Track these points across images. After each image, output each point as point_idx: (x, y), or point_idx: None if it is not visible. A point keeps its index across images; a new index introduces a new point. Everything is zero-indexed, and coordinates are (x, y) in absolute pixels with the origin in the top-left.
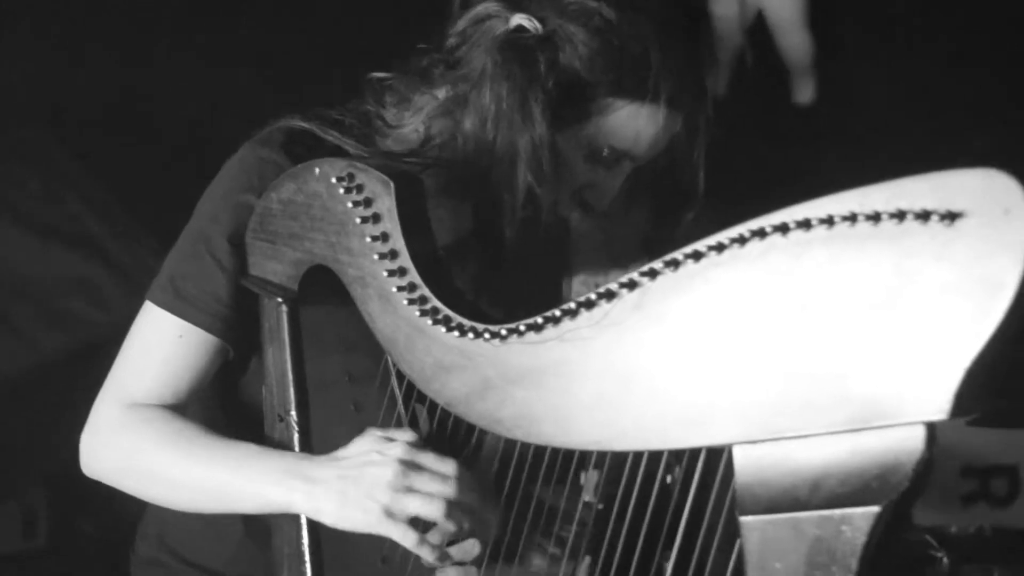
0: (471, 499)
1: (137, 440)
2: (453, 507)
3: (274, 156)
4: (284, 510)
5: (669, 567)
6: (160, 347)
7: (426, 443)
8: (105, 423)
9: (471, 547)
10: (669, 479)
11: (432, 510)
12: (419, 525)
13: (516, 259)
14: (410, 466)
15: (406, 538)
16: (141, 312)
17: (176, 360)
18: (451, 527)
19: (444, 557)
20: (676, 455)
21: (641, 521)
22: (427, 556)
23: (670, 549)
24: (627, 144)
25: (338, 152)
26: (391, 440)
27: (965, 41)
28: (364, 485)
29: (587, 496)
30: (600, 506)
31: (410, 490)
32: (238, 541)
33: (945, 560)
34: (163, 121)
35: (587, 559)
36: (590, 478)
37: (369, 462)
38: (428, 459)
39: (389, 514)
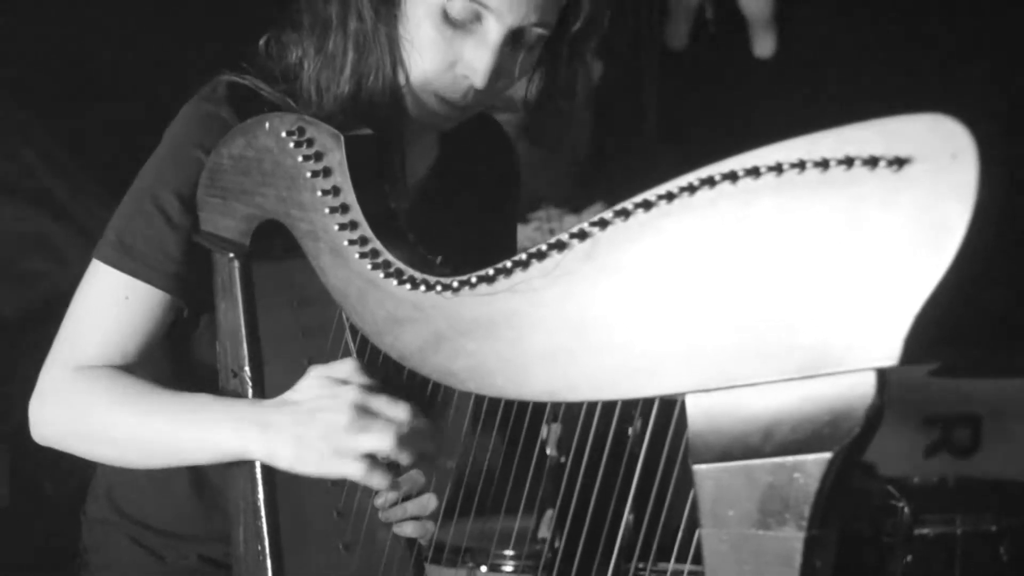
0: (423, 434)
1: (84, 401)
2: (404, 440)
3: (218, 111)
4: (239, 457)
5: (625, 516)
6: (108, 307)
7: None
8: (51, 388)
9: (428, 501)
10: (630, 431)
11: (383, 441)
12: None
13: (468, 204)
14: (363, 410)
15: (358, 470)
16: (88, 272)
17: (124, 319)
18: (405, 459)
19: (400, 512)
20: (638, 407)
21: (604, 473)
22: (379, 484)
23: (632, 502)
24: None
25: (275, 106)
26: (341, 382)
27: None
28: (319, 429)
29: (550, 449)
30: (563, 459)
31: (363, 430)
32: (185, 499)
33: (907, 510)
34: (121, 76)
35: (550, 511)
36: (553, 431)
37: (322, 407)
38: (380, 403)
39: (344, 454)
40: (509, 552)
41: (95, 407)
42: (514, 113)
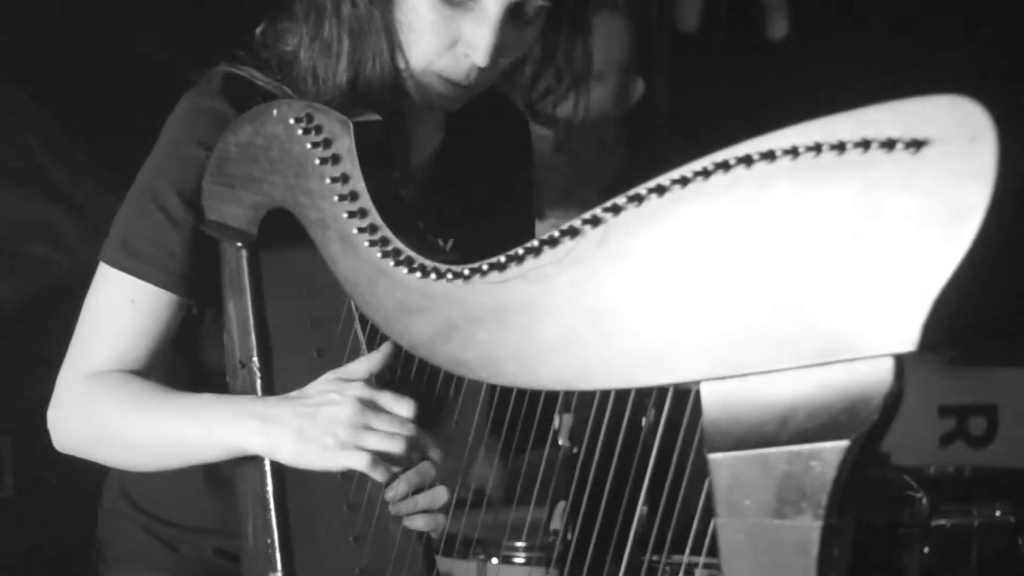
0: (430, 439)
1: (96, 408)
2: (412, 443)
3: (215, 104)
4: (242, 451)
5: (639, 508)
6: (117, 311)
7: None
8: (66, 396)
9: (438, 494)
10: (644, 421)
11: (390, 446)
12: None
13: (479, 187)
14: (368, 405)
15: (362, 464)
16: (96, 275)
17: (134, 323)
18: (412, 459)
19: (411, 505)
20: (651, 396)
21: (617, 464)
22: (383, 477)
23: (646, 494)
24: None
25: (272, 97)
26: (348, 381)
27: None
28: (321, 422)
29: (562, 440)
30: (575, 450)
31: (368, 428)
32: (198, 492)
33: (924, 501)
34: (124, 61)
35: (562, 503)
36: (564, 422)
37: (327, 401)
38: (386, 399)
39: (347, 447)
40: (520, 544)
41: (106, 413)
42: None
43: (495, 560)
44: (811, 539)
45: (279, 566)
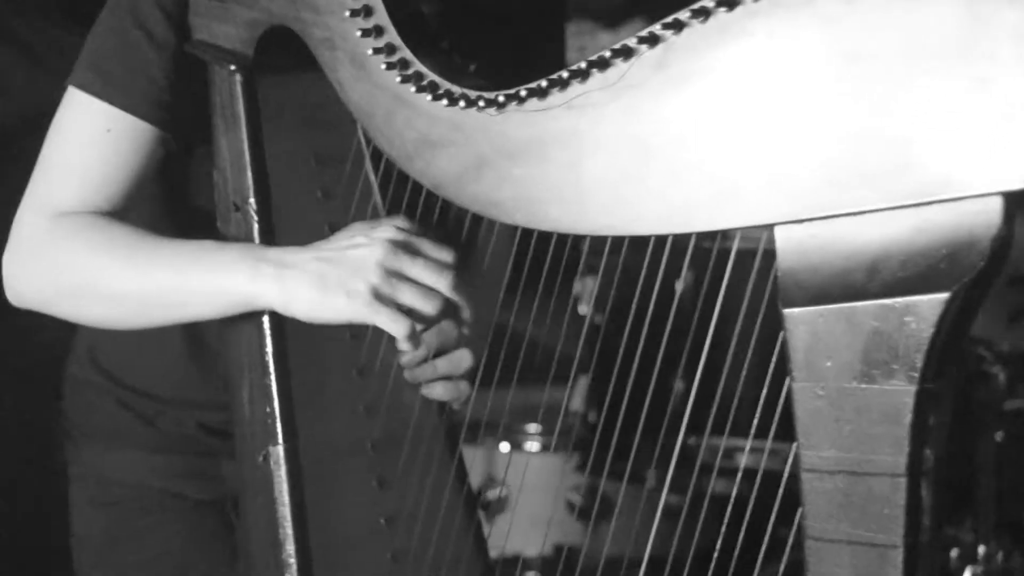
0: (468, 296)
1: (68, 252)
2: (449, 302)
3: None
4: (250, 305)
5: (689, 384)
6: (86, 142)
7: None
8: (29, 239)
9: (461, 358)
10: (678, 286)
11: (425, 303)
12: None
13: (519, 17)
14: (402, 247)
15: (396, 326)
16: (63, 101)
17: (106, 156)
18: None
19: (430, 370)
20: (684, 257)
21: (647, 335)
22: (412, 348)
23: (677, 366)
24: None
25: None
26: (379, 225)
27: None
28: (348, 266)
29: (583, 307)
30: (598, 318)
31: (402, 275)
32: (178, 360)
33: (1001, 377)
34: None
35: (584, 380)
36: (585, 286)
37: (353, 244)
38: (424, 244)
39: (378, 297)
40: (534, 427)
41: (79, 259)
42: None
43: (505, 446)
44: (904, 405)
45: (280, 438)
